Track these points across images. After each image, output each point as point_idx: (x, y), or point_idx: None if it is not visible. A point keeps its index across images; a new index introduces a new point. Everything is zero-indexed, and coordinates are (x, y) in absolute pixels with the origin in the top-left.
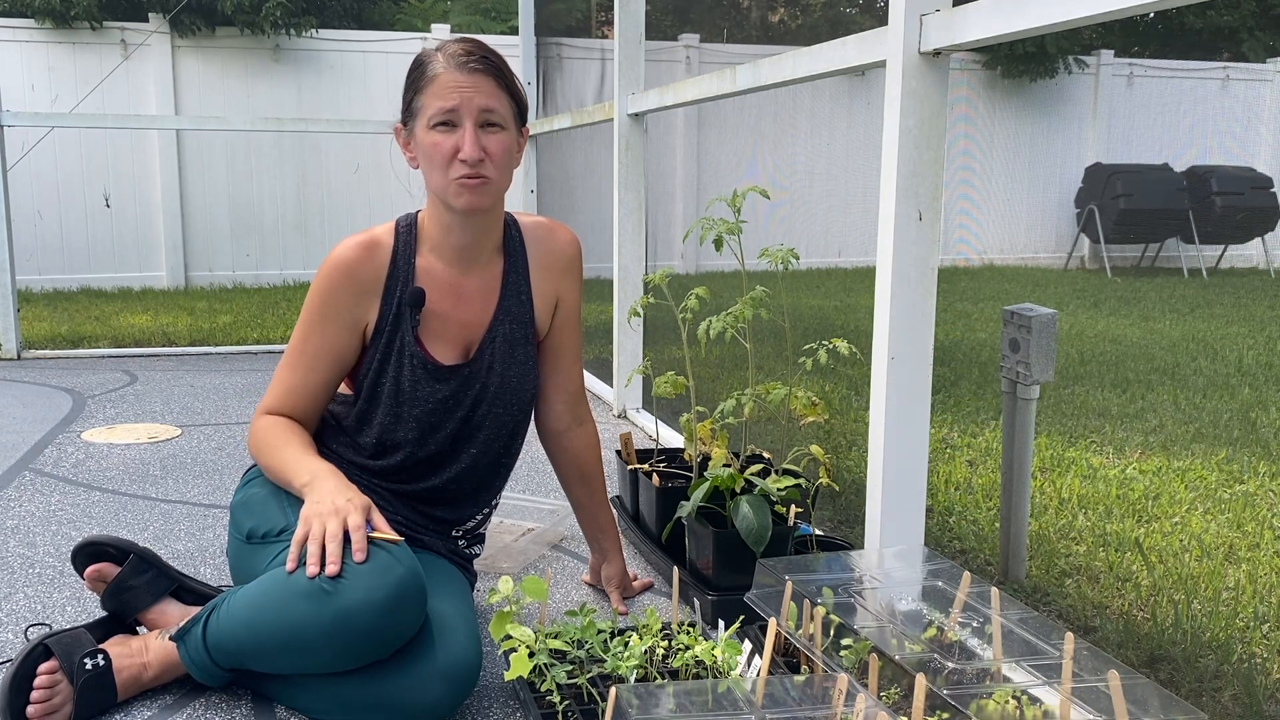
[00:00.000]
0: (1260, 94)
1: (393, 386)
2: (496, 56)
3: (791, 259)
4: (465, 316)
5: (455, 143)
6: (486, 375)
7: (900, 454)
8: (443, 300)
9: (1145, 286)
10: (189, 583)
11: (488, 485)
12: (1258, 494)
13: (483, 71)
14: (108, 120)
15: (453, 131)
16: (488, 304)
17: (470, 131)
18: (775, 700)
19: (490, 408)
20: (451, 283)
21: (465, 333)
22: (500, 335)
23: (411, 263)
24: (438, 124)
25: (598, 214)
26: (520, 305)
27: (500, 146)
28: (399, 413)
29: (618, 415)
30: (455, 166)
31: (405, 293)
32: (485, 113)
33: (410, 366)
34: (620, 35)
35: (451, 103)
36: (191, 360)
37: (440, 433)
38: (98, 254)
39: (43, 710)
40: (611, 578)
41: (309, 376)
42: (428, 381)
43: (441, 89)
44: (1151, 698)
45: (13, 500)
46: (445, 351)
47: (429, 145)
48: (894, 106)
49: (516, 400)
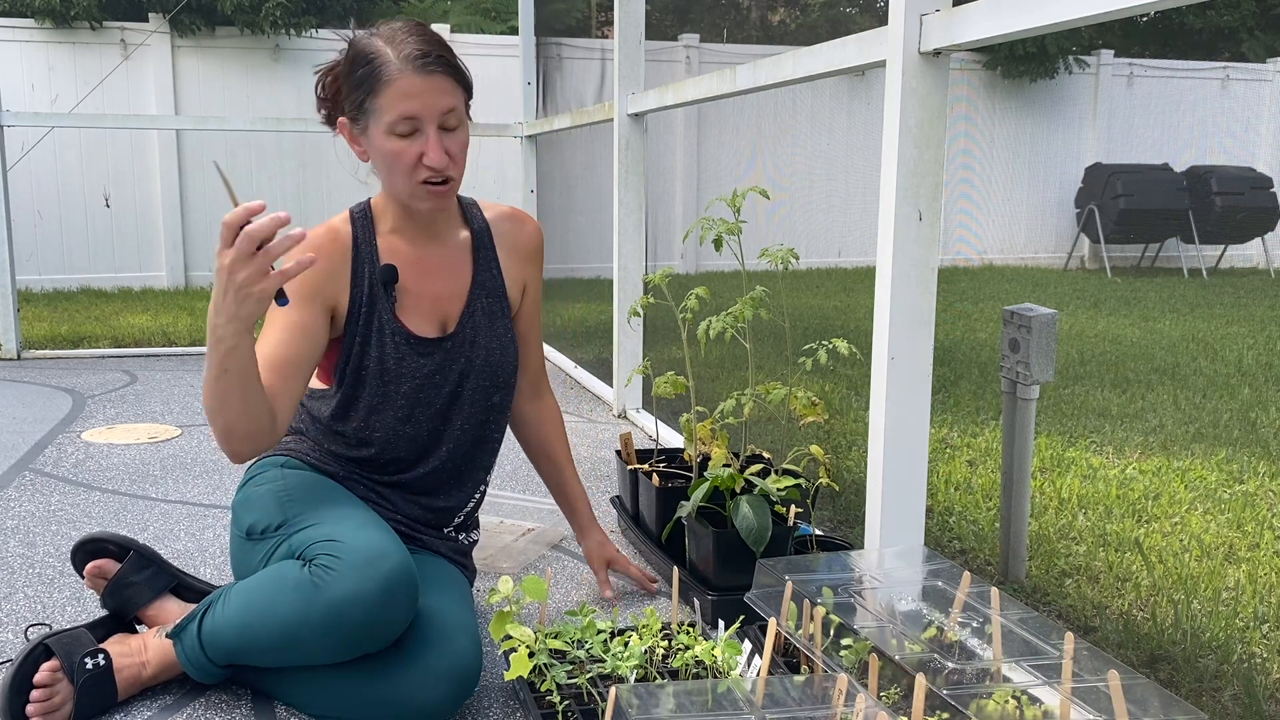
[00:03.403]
0: (1260, 94)
1: (377, 366)
2: (445, 47)
3: (791, 259)
4: (435, 289)
5: (419, 149)
6: (470, 349)
7: (900, 454)
8: (411, 276)
9: (1145, 286)
10: (188, 580)
11: (479, 463)
12: (1258, 494)
13: (440, 72)
14: (108, 120)
15: (415, 138)
16: (458, 276)
17: (434, 139)
18: (775, 700)
19: (477, 380)
20: (416, 257)
21: (439, 305)
22: (479, 309)
23: (373, 244)
24: (400, 132)
25: (598, 214)
26: (494, 281)
27: (461, 145)
28: (386, 391)
29: (618, 415)
30: (419, 171)
31: (375, 272)
32: (445, 115)
33: (394, 343)
34: (620, 35)
35: (413, 110)
36: (191, 360)
37: (429, 409)
38: (98, 254)
39: (42, 710)
40: (591, 552)
41: (276, 350)
42: (412, 356)
43: (401, 95)
44: (1151, 698)
45: (13, 500)
46: (421, 325)
47: (389, 152)
48: (894, 106)
49: (501, 373)
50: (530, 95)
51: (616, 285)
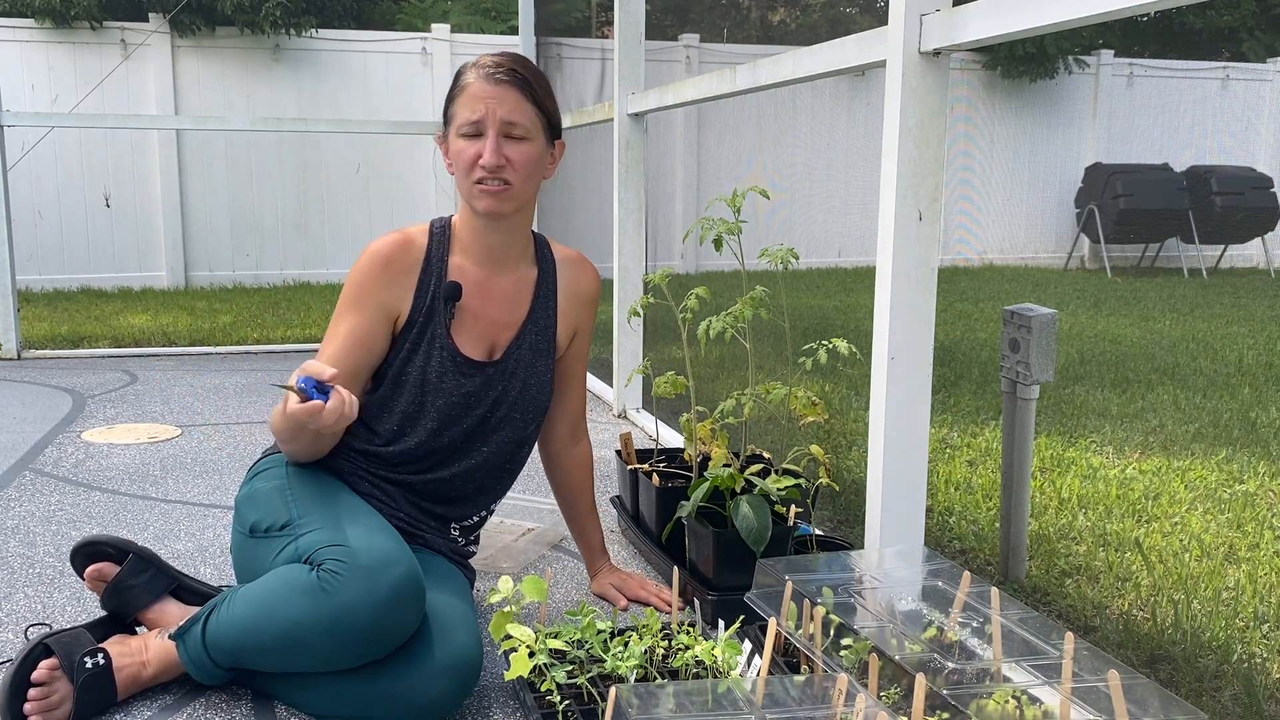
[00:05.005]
0: (1260, 94)
1: (419, 376)
2: (528, 70)
3: (791, 259)
4: (493, 315)
5: (478, 150)
6: (509, 379)
7: (900, 454)
8: (473, 298)
9: (1145, 286)
10: (188, 582)
11: (491, 490)
12: (1258, 494)
13: (509, 83)
14: (108, 120)
15: (477, 140)
16: (515, 308)
17: (492, 140)
18: (775, 700)
19: (509, 411)
20: (481, 282)
21: (491, 331)
22: (528, 343)
23: (445, 261)
24: (465, 133)
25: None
26: (548, 320)
27: (523, 156)
28: (423, 402)
29: (618, 415)
30: (476, 171)
31: (440, 287)
32: (508, 124)
33: (440, 358)
34: (620, 35)
35: (478, 114)
36: (191, 360)
37: (456, 428)
38: (98, 254)
39: (41, 708)
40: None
41: (336, 361)
42: (454, 374)
43: (469, 99)
44: (1151, 698)
45: (13, 500)
46: (471, 347)
47: (456, 151)
48: (894, 106)
49: (533, 408)
50: None
51: (616, 285)
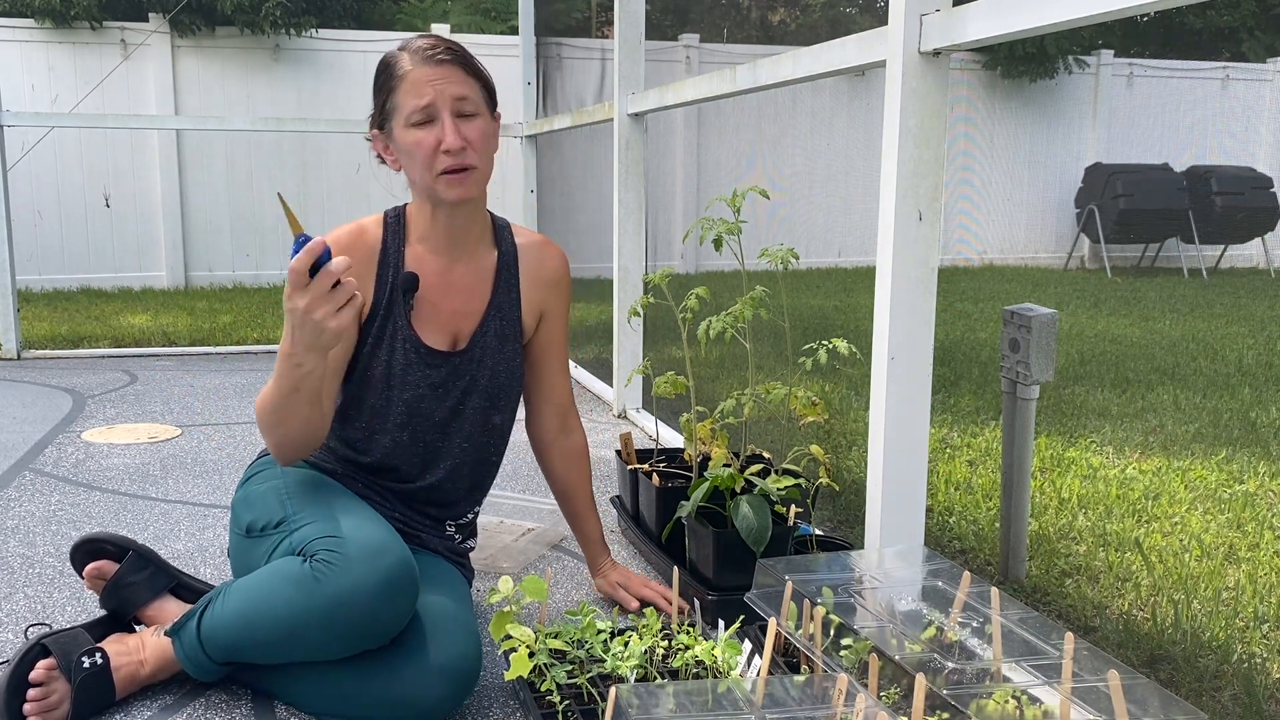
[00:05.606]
0: (1260, 94)
1: (384, 370)
2: (460, 46)
3: (791, 259)
4: (454, 304)
5: (436, 136)
6: (477, 367)
7: (900, 454)
8: (433, 287)
9: (1145, 286)
10: (187, 580)
11: (481, 484)
12: (1258, 494)
13: (450, 61)
14: (108, 120)
15: (431, 126)
16: (477, 295)
17: (449, 122)
18: (775, 700)
19: (479, 400)
20: (440, 270)
21: (454, 320)
22: (493, 330)
23: (401, 251)
24: (416, 121)
25: (598, 214)
26: (511, 304)
27: (479, 133)
28: (389, 396)
29: (618, 415)
30: (440, 159)
31: (397, 278)
32: (459, 101)
33: (403, 350)
34: (620, 35)
35: (426, 98)
36: (191, 360)
37: (427, 421)
38: (98, 254)
39: (40, 708)
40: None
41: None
42: (419, 365)
43: (414, 85)
44: (1151, 698)
45: (13, 500)
46: (434, 338)
47: (410, 143)
48: (894, 106)
49: (504, 395)
50: (530, 95)
51: (616, 285)
